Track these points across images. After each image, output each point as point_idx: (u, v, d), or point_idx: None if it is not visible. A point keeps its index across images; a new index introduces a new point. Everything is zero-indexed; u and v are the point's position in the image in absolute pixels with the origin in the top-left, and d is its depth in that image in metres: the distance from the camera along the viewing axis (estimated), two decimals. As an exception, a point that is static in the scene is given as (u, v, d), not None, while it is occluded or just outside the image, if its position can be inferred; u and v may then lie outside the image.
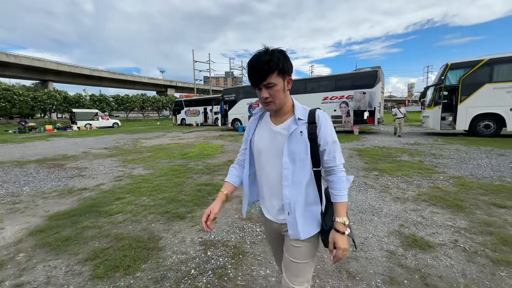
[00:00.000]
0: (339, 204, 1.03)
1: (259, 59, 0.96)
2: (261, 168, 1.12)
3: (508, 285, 1.72)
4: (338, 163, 1.04)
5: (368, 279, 1.83)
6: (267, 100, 0.99)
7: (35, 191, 4.24)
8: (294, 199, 1.03)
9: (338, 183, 1.04)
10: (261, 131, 1.13)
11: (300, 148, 1.01)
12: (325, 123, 1.03)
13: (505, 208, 2.96)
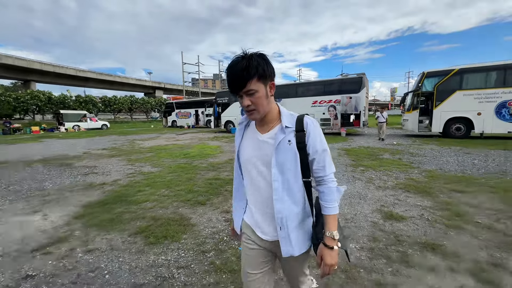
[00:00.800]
0: (329, 217, 0.98)
1: (236, 65, 0.90)
2: (249, 181, 1.06)
3: (454, 239, 2.42)
4: (329, 172, 1.00)
5: (357, 239, 2.48)
6: (249, 108, 0.94)
7: (58, 186, 4.63)
8: (286, 213, 0.98)
9: (329, 194, 0.99)
10: (246, 141, 1.08)
11: (289, 158, 0.96)
12: (314, 131, 0.98)
13: (462, 193, 3.73)
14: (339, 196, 1.02)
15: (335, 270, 0.98)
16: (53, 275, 2.03)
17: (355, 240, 2.47)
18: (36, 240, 2.60)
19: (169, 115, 29.09)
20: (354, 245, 2.37)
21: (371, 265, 2.06)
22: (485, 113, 10.28)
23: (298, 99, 14.24)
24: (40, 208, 3.55)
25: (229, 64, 0.93)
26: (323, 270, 0.96)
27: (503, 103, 9.98)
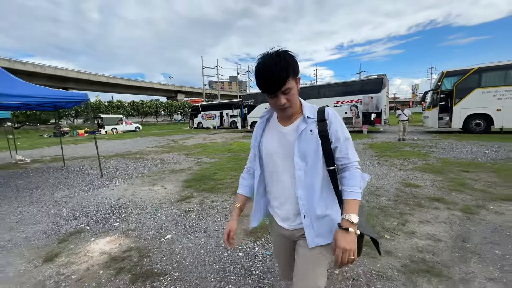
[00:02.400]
0: (349, 201, 0.94)
1: (274, 65, 0.88)
2: (272, 173, 1.07)
3: (454, 196, 3.56)
4: (353, 160, 0.99)
5: (385, 196, 3.70)
6: (284, 105, 0.95)
7: (152, 172, 6.19)
8: (309, 200, 0.97)
9: (350, 178, 0.97)
10: (269, 134, 1.09)
11: (311, 147, 0.96)
12: (335, 120, 0.99)
13: (468, 172, 4.79)
14: (363, 184, 0.98)
15: (352, 260, 0.88)
16: (202, 210, 3.45)
17: (385, 196, 3.69)
18: (173, 198, 4.06)
19: (195, 117, 31.06)
20: (384, 198, 3.59)
21: (396, 206, 3.28)
22: (505, 109, 10.85)
23: (321, 99, 15.34)
24: (154, 183, 5.06)
25: (259, 63, 0.91)
26: (337, 255, 0.88)
27: (522, 99, 10.51)
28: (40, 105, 6.21)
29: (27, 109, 7.16)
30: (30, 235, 2.89)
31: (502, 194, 3.52)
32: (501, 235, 2.44)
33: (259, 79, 0.92)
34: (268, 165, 1.08)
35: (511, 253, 2.13)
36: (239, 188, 1.23)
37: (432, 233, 2.53)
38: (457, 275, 1.89)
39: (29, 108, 7.08)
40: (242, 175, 1.26)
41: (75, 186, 5.03)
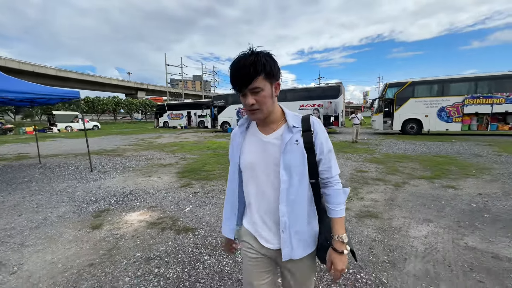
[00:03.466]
0: (337, 220, 0.94)
1: (243, 61, 0.85)
2: (251, 187, 0.99)
3: (390, 176, 4.97)
4: (334, 173, 0.96)
5: (343, 178, 4.95)
6: (253, 107, 0.88)
7: (141, 166, 6.61)
8: (291, 215, 0.93)
9: (336, 196, 0.95)
10: (249, 142, 1.00)
11: (297, 158, 0.91)
12: (321, 131, 0.95)
13: (400, 162, 6.40)
14: (345, 197, 0.97)
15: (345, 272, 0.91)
16: (206, 192, 4.22)
17: (343, 178, 4.93)
18: (175, 185, 4.72)
19: (161, 116, 30.32)
20: (343, 180, 4.83)
21: (351, 184, 4.52)
22: (430, 116, 13.58)
23: (288, 102, 16.83)
24: (149, 175, 5.58)
25: (234, 60, 0.87)
26: (335, 276, 0.94)
27: (442, 108, 13.32)
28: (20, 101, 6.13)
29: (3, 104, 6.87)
30: (61, 215, 3.35)
31: (419, 175, 5.05)
32: (413, 196, 3.79)
33: (230, 73, 0.87)
34: (249, 176, 0.99)
35: (417, 204, 3.44)
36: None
37: (374, 198, 3.77)
38: (386, 216, 3.09)
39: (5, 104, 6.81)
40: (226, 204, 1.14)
41: (70, 179, 5.28)
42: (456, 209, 3.28)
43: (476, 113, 12.78)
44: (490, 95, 12.42)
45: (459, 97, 12.95)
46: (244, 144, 1.01)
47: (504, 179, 4.57)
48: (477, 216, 3.03)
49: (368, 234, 2.65)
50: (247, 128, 1.05)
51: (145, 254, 2.35)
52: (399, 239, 2.54)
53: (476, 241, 2.46)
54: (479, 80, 12.82)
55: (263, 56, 0.86)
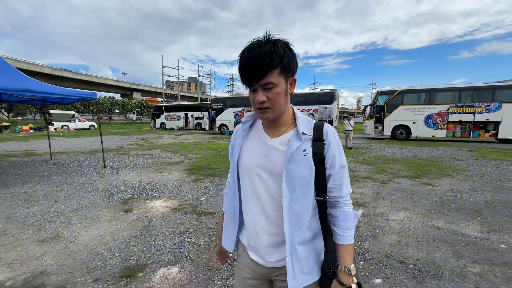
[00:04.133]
0: (344, 247, 0.81)
1: (257, 49, 0.70)
2: (249, 193, 0.86)
3: (378, 175, 5.61)
4: (345, 193, 0.83)
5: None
6: (263, 105, 0.75)
7: (150, 164, 7.08)
8: (292, 235, 0.79)
9: (344, 220, 0.82)
10: (251, 143, 0.88)
11: (303, 171, 0.78)
12: (334, 141, 0.81)
13: (388, 164, 7.07)
14: (356, 221, 0.84)
15: None
16: (216, 185, 4.76)
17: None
18: (186, 180, 5.24)
19: (158, 117, 30.59)
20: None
21: (343, 181, 5.13)
22: (418, 122, 14.44)
23: (284, 107, 17.53)
24: (160, 171, 6.07)
25: (246, 47, 0.73)
26: None
27: (429, 115, 14.20)
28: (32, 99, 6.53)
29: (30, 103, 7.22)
30: (93, 202, 3.84)
31: (403, 174, 5.71)
32: (396, 191, 4.42)
33: (240, 63, 0.74)
34: (246, 182, 0.87)
35: (398, 197, 4.07)
36: (224, 205, 1.05)
37: (362, 191, 4.38)
38: (371, 205, 3.69)
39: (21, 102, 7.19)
40: (225, 192, 1.06)
41: (86, 174, 5.73)
42: (430, 201, 3.92)
43: (460, 121, 13.69)
44: (473, 104, 13.36)
45: (444, 105, 13.86)
46: (245, 144, 0.89)
47: (475, 179, 5.26)
48: (446, 206, 3.66)
49: (356, 218, 3.25)
50: (251, 126, 0.92)
51: (176, 230, 2.88)
52: (381, 221, 3.15)
53: (441, 223, 3.09)
54: (462, 90, 13.78)
55: (281, 46, 0.72)
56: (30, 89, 4.94)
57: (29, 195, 4.13)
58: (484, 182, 5.01)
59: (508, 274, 2.06)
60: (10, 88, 4.69)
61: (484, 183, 4.93)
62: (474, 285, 1.93)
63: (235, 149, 0.92)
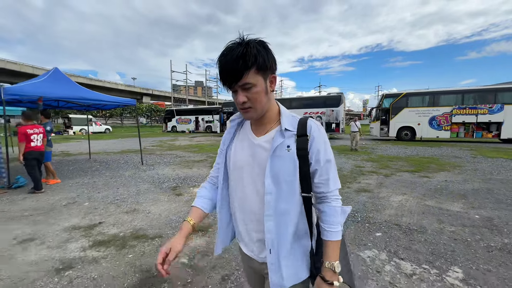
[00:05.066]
0: (330, 243, 0.80)
1: (231, 52, 0.73)
2: (236, 190, 0.89)
3: (382, 170, 6.36)
4: (332, 188, 0.82)
5: (345, 170, 6.34)
6: (244, 105, 0.77)
7: (178, 162, 7.99)
8: (278, 233, 0.81)
9: (331, 215, 0.81)
10: (239, 142, 0.90)
11: (287, 167, 0.79)
12: (319, 136, 0.81)
13: (392, 161, 7.81)
14: (344, 218, 0.84)
15: None
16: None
17: (345, 170, 6.33)
18: (215, 173, 6.09)
19: (169, 121, 31.82)
20: (345, 171, 6.23)
21: (351, 175, 5.91)
22: (423, 124, 15.05)
23: (293, 110, 18.24)
24: (190, 168, 6.96)
25: (222, 51, 0.76)
26: None
27: (433, 117, 14.80)
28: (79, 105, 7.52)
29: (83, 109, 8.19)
30: (147, 189, 4.73)
31: (405, 169, 6.46)
32: (397, 182, 5.18)
33: (218, 68, 0.76)
34: (234, 179, 0.89)
35: (398, 186, 4.83)
36: (196, 199, 0.96)
37: (368, 182, 5.16)
38: (376, 191, 4.48)
39: (71, 108, 8.20)
40: (203, 185, 1.01)
41: (129, 169, 6.66)
42: (425, 188, 4.68)
43: (463, 122, 14.26)
44: (475, 106, 13.93)
45: (448, 107, 14.45)
46: (234, 144, 0.91)
47: (469, 173, 5.97)
48: (438, 192, 4.42)
49: (363, 199, 4.04)
50: (239, 124, 0.95)
51: (223, 206, 3.74)
52: (383, 201, 3.93)
53: (432, 203, 3.85)
54: (465, 93, 14.36)
55: (254, 46, 0.73)
56: (85, 97, 5.92)
57: (93, 184, 5.06)
58: (476, 175, 5.72)
59: (473, 231, 2.83)
60: (71, 96, 5.68)
61: (476, 176, 5.65)
62: (447, 236, 2.71)
63: (224, 148, 0.94)
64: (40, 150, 4.64)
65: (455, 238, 2.69)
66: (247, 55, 0.72)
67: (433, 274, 2.05)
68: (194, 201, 0.96)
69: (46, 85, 5.49)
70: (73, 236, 2.79)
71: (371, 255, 2.37)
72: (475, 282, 1.95)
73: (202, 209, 0.94)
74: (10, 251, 2.47)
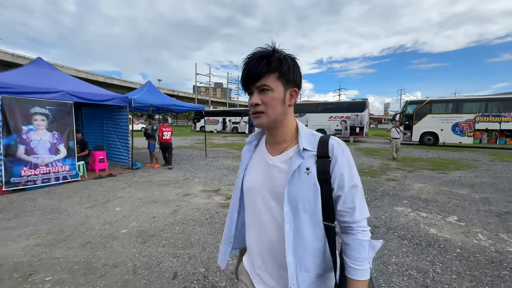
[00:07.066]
0: (355, 283, 0.71)
1: (258, 53, 0.72)
2: (252, 215, 0.82)
3: (404, 167, 7.69)
4: (359, 218, 0.73)
5: (375, 167, 7.74)
6: (257, 108, 0.72)
7: (231, 156, 9.74)
8: (299, 267, 0.73)
9: (357, 249, 0.71)
10: (254, 164, 0.84)
11: (306, 192, 0.71)
12: (342, 157, 0.72)
13: (414, 161, 9.05)
14: (373, 254, 0.73)
15: None
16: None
17: (375, 167, 7.73)
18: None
19: (198, 121, 34.20)
20: (375, 168, 7.62)
21: (380, 170, 7.31)
22: (445, 130, 15.85)
23: (319, 114, 19.74)
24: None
25: (250, 53, 0.74)
26: None
27: (456, 123, 15.57)
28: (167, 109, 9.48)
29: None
30: (226, 173, 6.44)
31: (426, 168, 7.75)
32: (418, 176, 6.53)
33: (242, 67, 0.74)
34: (249, 204, 0.83)
35: (420, 178, 6.19)
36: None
37: (395, 175, 6.56)
38: (401, 181, 5.89)
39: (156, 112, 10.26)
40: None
41: (199, 160, 8.49)
42: (442, 180, 6.01)
43: (486, 129, 14.91)
44: (499, 114, 14.57)
45: (471, 114, 15.18)
46: (250, 164, 0.85)
47: (482, 172, 7.16)
48: (451, 183, 5.75)
49: (392, 184, 5.50)
50: (256, 145, 0.88)
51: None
52: (407, 186, 5.36)
53: (445, 188, 5.22)
54: (489, 101, 15.04)
55: (282, 54, 0.72)
56: (176, 104, 7.83)
57: (186, 169, 6.88)
58: (488, 173, 6.92)
59: (471, 203, 4.23)
60: (168, 103, 7.61)
61: (487, 174, 6.85)
62: (452, 204, 4.14)
63: (240, 170, 0.88)
64: (168, 142, 6.87)
65: (457, 205, 4.11)
66: (273, 57, 0.70)
67: (439, 218, 3.53)
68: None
69: (149, 95, 7.45)
70: (210, 194, 4.53)
71: (401, 209, 3.88)
72: (463, 222, 3.41)
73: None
74: (181, 201, 4.24)
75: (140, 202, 4.10)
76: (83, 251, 2.55)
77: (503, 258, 2.49)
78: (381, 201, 4.32)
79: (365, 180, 5.85)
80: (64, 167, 5.21)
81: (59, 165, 5.15)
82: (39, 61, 6.05)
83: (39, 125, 4.89)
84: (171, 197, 4.38)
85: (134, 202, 4.09)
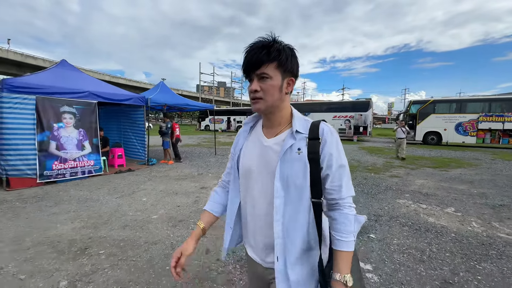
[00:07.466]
0: (341, 254, 0.77)
1: (258, 43, 0.78)
2: (246, 193, 0.89)
3: (407, 165, 8.00)
4: (345, 195, 0.80)
5: (379, 164, 8.05)
6: (256, 94, 0.79)
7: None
8: (286, 239, 0.79)
9: (342, 223, 0.78)
10: (249, 145, 0.91)
11: (297, 170, 0.78)
12: (331, 139, 0.80)
13: (417, 160, 9.33)
14: (358, 227, 0.79)
15: None
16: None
17: (379, 165, 8.04)
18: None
19: (203, 120, 34.65)
20: (378, 165, 7.94)
21: (384, 167, 7.62)
22: (449, 129, 16.05)
23: (323, 113, 20.01)
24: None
25: (251, 43, 0.80)
26: None
27: (459, 123, 15.77)
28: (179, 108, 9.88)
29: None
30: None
31: (428, 166, 8.04)
32: (420, 173, 6.83)
33: (243, 55, 0.80)
34: (244, 182, 0.90)
35: (422, 175, 6.50)
36: (208, 203, 1.02)
37: (398, 172, 6.88)
38: (404, 177, 6.21)
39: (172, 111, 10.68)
40: (216, 189, 1.06)
41: (209, 157, 8.88)
42: (443, 177, 6.32)
43: (489, 129, 15.09)
44: (502, 114, 14.74)
45: (474, 114, 15.36)
46: (246, 146, 0.92)
47: (482, 170, 7.43)
48: (452, 179, 6.05)
49: (395, 180, 5.82)
50: (252, 127, 0.96)
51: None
52: (409, 182, 5.68)
53: (445, 184, 5.53)
54: (492, 101, 15.21)
55: (281, 44, 0.79)
56: (188, 103, 8.22)
57: (198, 165, 7.27)
58: (488, 171, 7.19)
59: (469, 197, 4.55)
60: (180, 103, 7.99)
61: (487, 172, 7.13)
62: (451, 197, 4.47)
63: (235, 151, 0.95)
64: (178, 137, 7.48)
65: (456, 198, 4.44)
66: (272, 48, 0.76)
67: (437, 209, 3.86)
68: (206, 204, 1.01)
69: (163, 95, 7.85)
70: (226, 187, 4.90)
71: (403, 202, 4.22)
72: (460, 212, 3.74)
73: (212, 213, 0.99)
74: (200, 193, 4.62)
75: (162, 194, 4.49)
76: (124, 232, 2.94)
77: (493, 241, 2.83)
78: (385, 194, 4.66)
79: (369, 177, 6.18)
80: (89, 162, 5.63)
81: (85, 160, 5.56)
82: (64, 63, 6.47)
83: (67, 123, 5.31)
84: (190, 190, 4.76)
85: (157, 194, 4.49)
